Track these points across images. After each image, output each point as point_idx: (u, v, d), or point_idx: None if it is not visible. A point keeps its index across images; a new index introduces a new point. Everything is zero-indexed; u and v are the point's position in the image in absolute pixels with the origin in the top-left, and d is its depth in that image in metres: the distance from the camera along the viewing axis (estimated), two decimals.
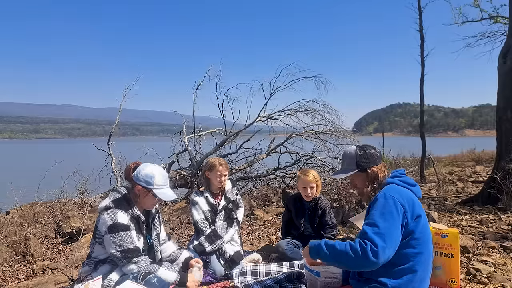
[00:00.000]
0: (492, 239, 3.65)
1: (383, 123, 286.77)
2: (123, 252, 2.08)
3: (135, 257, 2.11)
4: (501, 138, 5.30)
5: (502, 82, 5.32)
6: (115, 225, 2.09)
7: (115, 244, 2.08)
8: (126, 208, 2.19)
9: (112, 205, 2.17)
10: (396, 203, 1.72)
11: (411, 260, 1.75)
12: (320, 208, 3.20)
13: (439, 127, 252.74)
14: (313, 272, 2.07)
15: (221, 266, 2.89)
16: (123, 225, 2.12)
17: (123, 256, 2.08)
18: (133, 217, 2.21)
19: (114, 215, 2.12)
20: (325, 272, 2.04)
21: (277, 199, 6.32)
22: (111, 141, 7.68)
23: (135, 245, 2.14)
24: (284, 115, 7.68)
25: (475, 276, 2.73)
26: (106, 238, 2.10)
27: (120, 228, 2.10)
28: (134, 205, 2.23)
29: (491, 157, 11.46)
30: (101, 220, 2.14)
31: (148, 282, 2.05)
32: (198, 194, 3.17)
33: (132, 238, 2.14)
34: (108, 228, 2.09)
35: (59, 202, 6.01)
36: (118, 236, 2.08)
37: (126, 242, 2.09)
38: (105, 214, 2.14)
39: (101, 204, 2.22)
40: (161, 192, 2.23)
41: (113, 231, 2.08)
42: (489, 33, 9.47)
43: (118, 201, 2.20)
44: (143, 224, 2.29)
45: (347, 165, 2.00)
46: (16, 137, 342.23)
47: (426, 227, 1.84)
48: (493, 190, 5.06)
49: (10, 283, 3.07)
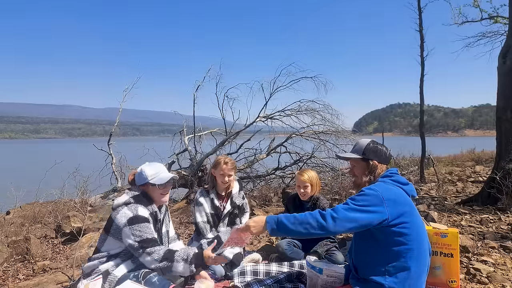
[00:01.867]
0: (492, 239, 3.65)
1: (383, 123, 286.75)
2: (141, 242, 2.13)
3: (150, 247, 2.14)
4: (500, 138, 5.31)
5: (502, 82, 5.32)
6: (136, 217, 2.17)
7: (134, 235, 2.13)
8: (146, 203, 2.30)
9: (132, 200, 2.26)
10: (377, 195, 1.76)
11: (402, 256, 1.76)
12: (319, 208, 3.21)
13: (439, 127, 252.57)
14: (315, 269, 2.07)
15: (221, 267, 2.88)
16: (144, 217, 2.20)
17: (141, 246, 2.13)
18: (152, 213, 2.31)
19: (135, 209, 2.21)
20: (328, 270, 2.04)
21: (277, 199, 6.32)
22: (111, 141, 7.70)
23: (153, 236, 2.20)
24: (284, 115, 7.69)
25: (475, 276, 2.73)
26: (125, 231, 2.15)
27: (140, 220, 2.18)
28: (153, 202, 2.35)
29: (491, 157, 11.47)
30: (121, 213, 2.18)
31: (149, 281, 2.06)
32: (204, 194, 3.12)
33: (151, 230, 2.21)
34: (128, 220, 2.15)
35: (60, 202, 6.01)
36: (138, 227, 2.15)
37: (146, 233, 2.16)
38: (125, 208, 2.20)
39: (118, 200, 2.29)
40: (156, 179, 2.31)
41: (134, 223, 2.15)
42: (489, 33, 9.49)
43: (137, 197, 2.29)
44: (158, 222, 2.39)
45: (354, 151, 2.06)
46: (16, 137, 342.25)
47: (418, 224, 1.85)
48: (493, 190, 5.07)
49: (10, 283, 3.08)
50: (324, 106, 7.63)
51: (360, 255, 1.93)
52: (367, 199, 1.76)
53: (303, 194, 3.22)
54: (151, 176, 2.31)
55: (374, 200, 1.75)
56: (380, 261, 1.78)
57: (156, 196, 2.37)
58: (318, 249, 3.06)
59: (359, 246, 1.94)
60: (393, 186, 1.87)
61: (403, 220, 1.77)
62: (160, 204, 2.42)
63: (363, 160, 2.00)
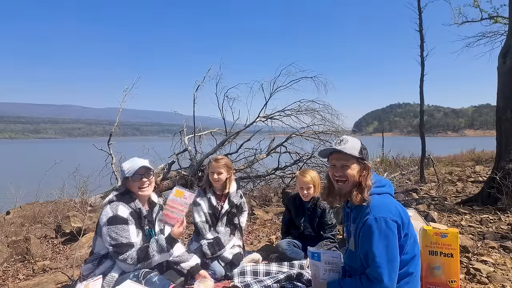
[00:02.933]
0: (492, 239, 3.65)
1: (383, 123, 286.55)
2: (115, 247, 2.11)
3: (123, 253, 2.10)
4: (500, 138, 5.31)
5: (501, 82, 5.32)
6: (115, 217, 2.14)
7: (110, 237, 2.11)
8: (128, 201, 2.26)
9: (115, 198, 2.24)
10: (388, 222, 1.66)
11: (406, 265, 1.76)
12: (320, 209, 3.20)
13: (439, 127, 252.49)
14: (314, 257, 2.06)
15: (221, 267, 2.89)
16: (122, 218, 2.16)
17: (114, 251, 2.11)
18: (134, 210, 2.26)
19: (116, 208, 2.18)
20: (325, 255, 2.03)
21: (277, 199, 6.32)
22: (111, 141, 7.69)
23: (129, 240, 2.15)
24: (284, 115, 7.69)
25: (475, 276, 2.74)
26: (104, 230, 2.14)
27: (118, 221, 2.14)
28: (136, 198, 2.31)
29: (491, 157, 11.46)
30: (103, 212, 2.19)
31: (149, 281, 2.06)
32: (201, 194, 3.13)
33: (127, 233, 2.15)
34: (107, 219, 2.14)
35: (60, 202, 6.01)
36: (114, 229, 2.12)
37: (121, 236, 2.12)
38: (108, 207, 2.19)
39: (106, 199, 2.29)
40: (130, 171, 2.27)
41: (112, 223, 2.13)
42: (489, 33, 9.47)
43: (120, 195, 2.27)
44: (144, 219, 2.33)
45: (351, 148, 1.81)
46: (16, 137, 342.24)
47: (413, 228, 1.83)
48: (492, 190, 5.07)
49: (10, 283, 3.08)
50: (324, 106, 7.64)
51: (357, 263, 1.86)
52: (387, 237, 1.67)
53: (306, 195, 3.20)
54: (127, 170, 2.28)
55: (391, 235, 1.67)
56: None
57: (135, 190, 2.30)
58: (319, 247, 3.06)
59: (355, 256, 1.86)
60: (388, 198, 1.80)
61: (405, 232, 1.74)
62: (143, 197, 2.35)
63: (358, 162, 1.82)
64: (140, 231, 2.28)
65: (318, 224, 3.23)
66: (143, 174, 2.30)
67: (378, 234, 1.65)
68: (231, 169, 3.14)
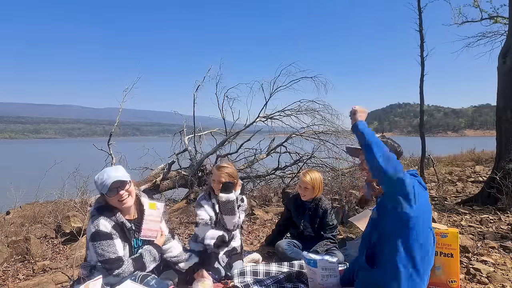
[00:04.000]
0: (492, 239, 3.65)
1: (383, 123, 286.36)
2: (104, 263, 2.05)
3: (116, 269, 2.06)
4: (500, 138, 5.30)
5: (502, 82, 5.32)
6: (97, 233, 2.04)
7: (97, 254, 2.06)
8: (109, 214, 2.12)
9: (95, 212, 2.13)
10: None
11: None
12: (321, 209, 3.21)
13: (439, 127, 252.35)
14: (310, 264, 2.08)
15: (221, 266, 2.89)
16: (105, 233, 2.05)
17: (104, 267, 2.06)
18: (117, 223, 2.13)
19: (97, 223, 2.07)
20: (322, 262, 2.04)
21: (277, 199, 6.32)
22: (111, 141, 7.68)
23: (117, 255, 2.07)
24: (284, 115, 7.68)
25: (475, 276, 2.73)
26: (90, 246, 2.10)
27: (102, 237, 2.04)
28: (117, 211, 2.16)
29: (491, 157, 11.45)
30: (87, 227, 2.12)
31: (147, 284, 2.05)
32: (206, 198, 3.00)
33: (114, 247, 2.07)
34: (91, 236, 2.06)
35: (60, 202, 6.00)
36: (100, 245, 2.04)
37: (108, 252, 2.05)
38: (90, 222, 2.11)
39: (90, 210, 2.21)
40: (103, 189, 2.10)
41: (95, 239, 2.04)
42: (489, 33, 9.46)
43: (100, 209, 2.14)
44: (128, 231, 2.19)
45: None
46: (16, 137, 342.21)
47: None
48: (492, 190, 5.07)
49: (10, 283, 3.08)
50: (324, 106, 7.61)
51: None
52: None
53: (302, 195, 3.24)
54: (99, 186, 2.11)
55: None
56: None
57: (116, 205, 2.14)
58: (318, 248, 3.06)
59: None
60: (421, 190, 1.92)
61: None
62: (125, 209, 2.21)
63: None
64: (126, 243, 2.18)
65: (319, 224, 3.23)
66: (118, 186, 2.11)
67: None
68: (233, 178, 2.90)
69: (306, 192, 3.19)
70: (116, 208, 2.16)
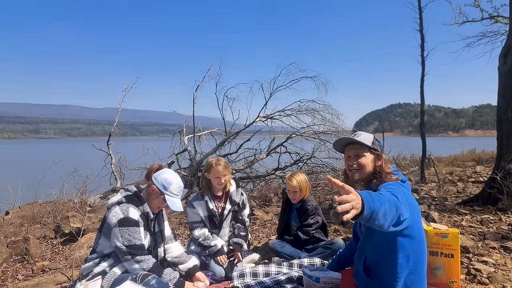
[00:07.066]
0: (493, 239, 3.65)
1: (384, 123, 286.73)
2: (129, 248, 2.12)
3: (139, 255, 2.14)
4: (501, 138, 5.29)
5: (502, 82, 5.31)
6: (127, 219, 2.14)
7: (123, 238, 2.12)
8: (137, 204, 2.26)
9: (124, 200, 2.24)
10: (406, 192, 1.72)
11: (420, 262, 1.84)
12: (306, 207, 3.23)
13: (440, 127, 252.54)
14: (312, 279, 2.06)
15: (221, 267, 2.87)
16: (134, 220, 2.17)
17: (128, 252, 2.12)
18: (143, 213, 2.27)
19: (126, 210, 2.18)
20: (325, 278, 2.03)
21: (277, 199, 6.30)
22: (110, 141, 7.68)
23: (142, 242, 2.18)
24: (284, 115, 7.68)
25: (476, 276, 2.73)
26: (115, 231, 2.13)
27: (130, 223, 2.15)
28: (144, 202, 2.31)
29: (492, 157, 11.45)
30: (112, 213, 2.17)
31: (147, 283, 2.04)
32: (199, 198, 3.05)
33: (140, 235, 2.18)
34: (118, 221, 2.13)
35: (59, 202, 5.99)
36: (127, 231, 2.13)
37: (134, 238, 2.14)
38: (117, 208, 2.19)
39: (112, 199, 2.28)
40: (171, 200, 2.31)
41: (124, 225, 2.13)
42: (490, 33, 9.45)
43: (130, 197, 2.27)
44: (151, 222, 2.35)
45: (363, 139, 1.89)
46: (16, 137, 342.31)
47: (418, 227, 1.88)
48: (493, 190, 5.06)
49: (9, 283, 3.06)
50: (324, 106, 7.62)
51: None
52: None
53: (292, 198, 3.27)
54: (170, 193, 2.31)
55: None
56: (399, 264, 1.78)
57: (154, 204, 2.35)
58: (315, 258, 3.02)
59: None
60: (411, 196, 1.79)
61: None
62: (153, 210, 2.39)
63: (371, 152, 1.88)
64: (147, 233, 2.31)
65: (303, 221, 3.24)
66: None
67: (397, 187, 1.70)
68: (229, 168, 3.15)
69: (296, 195, 3.23)
70: (144, 200, 2.31)
